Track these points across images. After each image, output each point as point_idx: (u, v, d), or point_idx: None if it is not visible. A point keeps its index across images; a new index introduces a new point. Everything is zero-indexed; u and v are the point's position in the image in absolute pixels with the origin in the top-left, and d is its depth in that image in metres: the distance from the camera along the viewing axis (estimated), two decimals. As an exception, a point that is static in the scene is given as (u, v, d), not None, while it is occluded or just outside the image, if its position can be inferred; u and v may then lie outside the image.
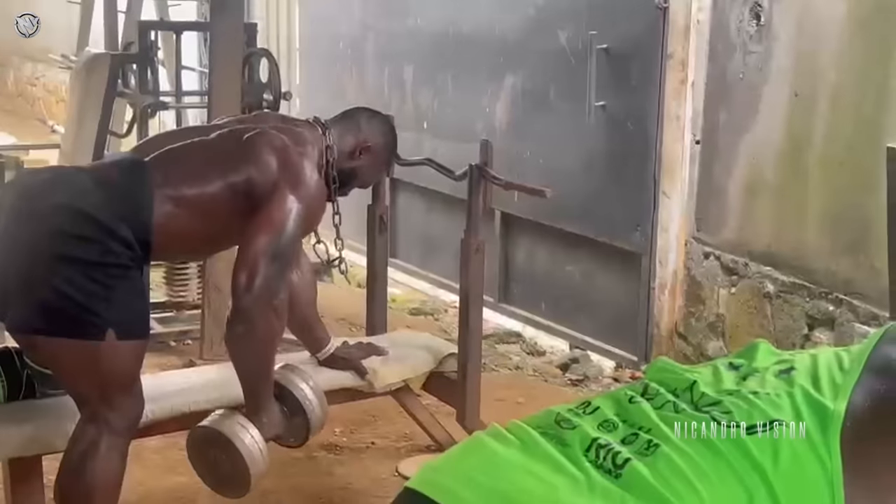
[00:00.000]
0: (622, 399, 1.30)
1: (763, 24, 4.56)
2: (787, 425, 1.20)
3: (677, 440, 1.21)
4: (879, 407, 1.22)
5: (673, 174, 4.47)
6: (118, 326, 2.67)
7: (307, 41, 7.31)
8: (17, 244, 2.75)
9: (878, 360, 1.26)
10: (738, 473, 1.18)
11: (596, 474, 1.19)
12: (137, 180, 2.81)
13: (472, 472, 1.24)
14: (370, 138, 3.19)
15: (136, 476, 3.42)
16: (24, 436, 2.89)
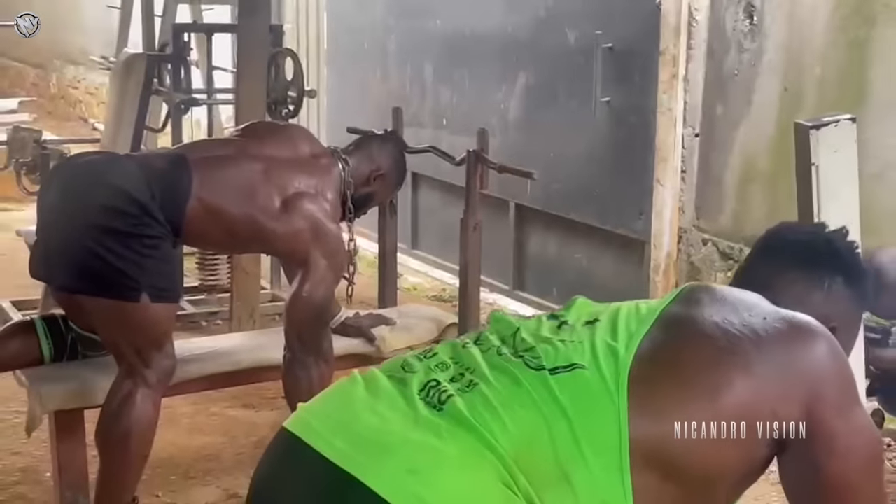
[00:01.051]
0: (458, 345, 1.62)
1: (756, 23, 4.84)
2: (585, 368, 1.50)
3: (493, 379, 1.51)
4: (659, 354, 1.53)
5: (666, 163, 4.76)
6: (151, 290, 3.01)
7: (334, 42, 7.63)
8: (65, 216, 3.10)
9: (666, 315, 1.58)
10: (540, 406, 1.46)
11: (424, 409, 1.49)
12: (179, 175, 3.15)
13: (329, 410, 1.57)
14: (382, 165, 3.55)
15: (168, 436, 3.75)
16: (68, 391, 3.23)
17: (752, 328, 1.56)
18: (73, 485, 3.32)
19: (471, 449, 1.43)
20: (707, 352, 1.54)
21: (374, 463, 1.43)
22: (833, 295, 1.75)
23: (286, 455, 1.54)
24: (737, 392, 1.51)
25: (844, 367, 1.60)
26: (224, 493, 3.59)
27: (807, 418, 1.53)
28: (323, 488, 1.45)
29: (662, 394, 1.49)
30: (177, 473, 3.70)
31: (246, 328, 4.65)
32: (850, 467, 1.55)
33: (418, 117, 6.44)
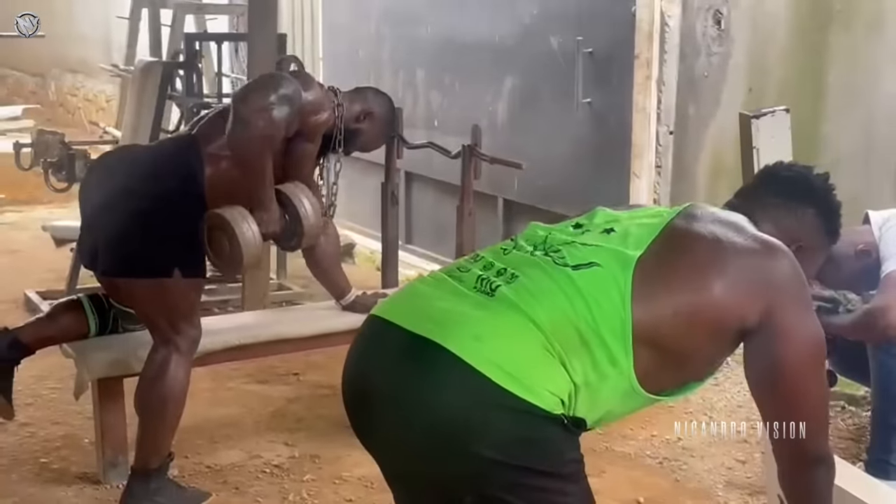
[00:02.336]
0: (499, 250, 2.09)
1: (723, 29, 5.27)
2: (601, 266, 1.98)
3: (529, 273, 1.98)
4: (657, 259, 2.00)
5: (641, 158, 5.19)
6: (182, 267, 3.41)
7: (329, 49, 8.04)
8: (102, 208, 3.50)
9: (669, 228, 2.06)
10: (566, 293, 1.94)
11: (479, 296, 1.97)
12: (189, 148, 3.51)
13: (405, 300, 2.05)
14: (374, 108, 3.85)
15: (191, 408, 4.09)
16: (110, 361, 3.63)
17: (732, 243, 2.02)
18: (114, 446, 3.73)
19: (518, 322, 1.89)
20: (694, 258, 2.00)
21: (446, 331, 1.88)
22: (803, 220, 2.20)
23: (375, 333, 2.00)
24: (714, 290, 1.97)
25: (801, 281, 2.05)
26: (246, 454, 3.98)
27: (767, 314, 1.98)
28: (408, 351, 1.90)
29: (657, 288, 1.95)
30: (202, 439, 4.10)
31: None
32: (798, 355, 2.00)
33: (412, 119, 6.81)
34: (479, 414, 1.84)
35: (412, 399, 1.88)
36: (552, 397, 1.87)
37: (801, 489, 2.13)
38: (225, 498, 3.64)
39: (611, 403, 1.98)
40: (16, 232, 7.36)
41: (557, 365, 1.89)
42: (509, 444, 1.85)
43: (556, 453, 1.90)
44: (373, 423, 1.98)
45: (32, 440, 4.10)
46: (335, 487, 3.73)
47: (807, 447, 2.06)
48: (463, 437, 1.85)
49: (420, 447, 1.90)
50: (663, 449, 4.04)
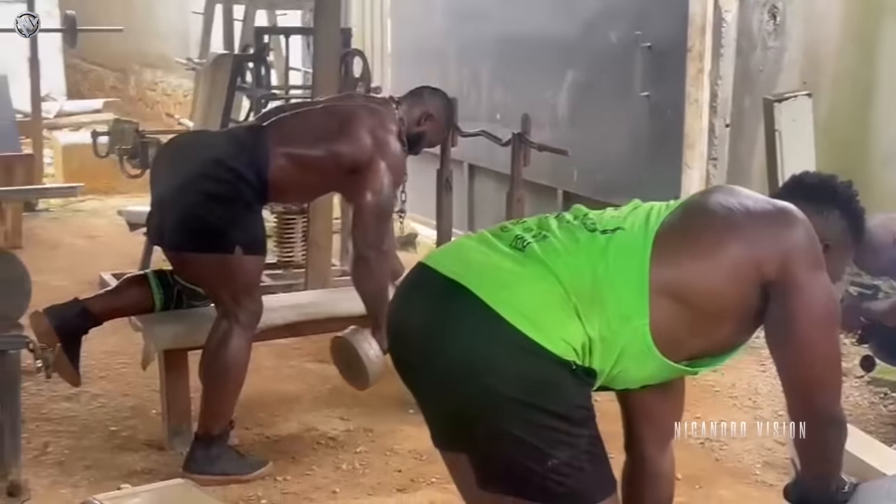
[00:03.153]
0: (541, 218, 2.27)
1: (779, 23, 5.37)
2: (625, 230, 2.16)
3: (559, 234, 2.17)
4: (677, 224, 2.18)
5: (693, 148, 5.30)
6: (243, 244, 3.61)
7: (397, 45, 8.23)
8: (172, 188, 3.72)
9: (687, 201, 2.25)
10: (589, 251, 2.12)
11: (511, 251, 2.16)
12: (258, 140, 3.74)
13: (448, 251, 2.28)
14: (432, 108, 4.06)
15: (254, 384, 4.32)
16: (175, 333, 3.85)
17: (747, 207, 2.19)
18: (178, 414, 3.94)
19: (540, 274, 2.09)
20: (711, 221, 2.17)
21: (475, 277, 2.10)
22: (829, 222, 2.31)
23: (417, 276, 2.22)
24: (730, 249, 2.13)
25: (815, 242, 2.18)
26: (304, 426, 4.18)
27: (783, 272, 2.12)
28: (441, 293, 2.12)
29: (676, 248, 2.13)
30: (263, 412, 4.30)
31: (319, 296, 5.23)
32: (811, 309, 2.13)
33: (475, 113, 6.99)
34: (495, 351, 2.04)
35: (439, 333, 2.10)
36: (564, 344, 2.04)
37: (811, 448, 2.24)
38: (282, 466, 3.83)
39: (626, 361, 2.13)
40: (94, 219, 7.68)
41: (573, 316, 2.06)
42: (521, 382, 2.04)
43: (565, 397, 2.07)
44: (407, 353, 2.20)
45: (103, 410, 4.33)
46: (386, 458, 3.90)
47: (818, 405, 2.18)
48: (479, 370, 2.04)
49: (443, 376, 2.10)
50: (706, 431, 4.14)
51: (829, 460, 2.26)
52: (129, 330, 4.41)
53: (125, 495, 3.12)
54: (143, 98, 13.25)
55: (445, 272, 2.15)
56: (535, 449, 2.06)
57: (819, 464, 2.27)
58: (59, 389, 4.40)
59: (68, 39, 8.52)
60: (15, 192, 6.38)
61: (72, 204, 7.92)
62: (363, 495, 3.67)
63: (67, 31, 8.36)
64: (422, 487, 3.69)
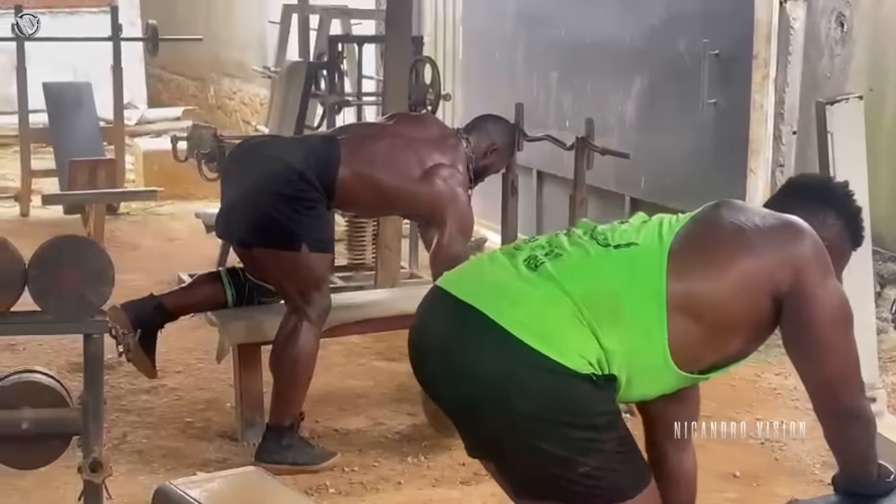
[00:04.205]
0: (552, 235, 2.33)
1: (846, 31, 5.39)
2: (638, 245, 2.21)
3: (572, 252, 2.23)
4: (689, 239, 2.22)
5: (758, 154, 5.35)
6: (309, 242, 3.77)
7: (468, 52, 8.34)
8: (242, 186, 3.89)
9: (696, 216, 2.29)
10: (603, 268, 2.19)
11: (525, 270, 2.22)
12: (330, 150, 3.92)
13: (462, 273, 2.36)
14: (496, 140, 4.23)
15: (324, 380, 4.49)
16: (248, 328, 4.02)
17: (755, 223, 2.25)
18: (251, 406, 4.10)
19: (553, 293, 2.15)
20: (722, 237, 2.23)
21: (488, 299, 2.17)
22: (826, 222, 2.37)
23: (433, 300, 2.31)
24: (742, 264, 2.20)
25: (822, 251, 2.25)
26: (371, 421, 4.31)
27: (795, 283, 2.19)
28: (457, 317, 2.20)
29: (690, 263, 2.18)
30: (332, 406, 4.44)
31: (389, 297, 5.36)
32: (825, 315, 2.21)
33: (544, 120, 7.07)
34: (514, 372, 2.11)
35: (458, 358, 2.18)
36: (580, 359, 2.11)
37: (842, 444, 2.31)
38: (349, 458, 3.97)
39: (644, 373, 2.19)
40: (173, 222, 7.92)
41: (587, 331, 2.13)
42: (543, 400, 2.11)
43: (588, 406, 2.14)
44: (429, 375, 2.29)
45: (179, 402, 4.51)
46: (450, 452, 4.01)
47: (842, 404, 2.25)
48: (500, 392, 2.12)
49: (466, 399, 2.19)
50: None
51: (862, 453, 2.32)
52: (204, 328, 4.60)
53: (200, 481, 3.25)
54: (222, 106, 13.51)
55: (459, 294, 2.22)
56: (566, 459, 2.14)
57: (853, 457, 2.33)
58: (138, 383, 4.59)
59: (150, 48, 8.79)
60: (98, 195, 6.61)
61: (151, 208, 8.18)
62: (427, 487, 3.79)
63: (149, 39, 8.62)
64: (484, 481, 3.78)
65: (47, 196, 7.02)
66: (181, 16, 12.88)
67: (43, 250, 2.76)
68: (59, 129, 8.15)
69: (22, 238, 3.20)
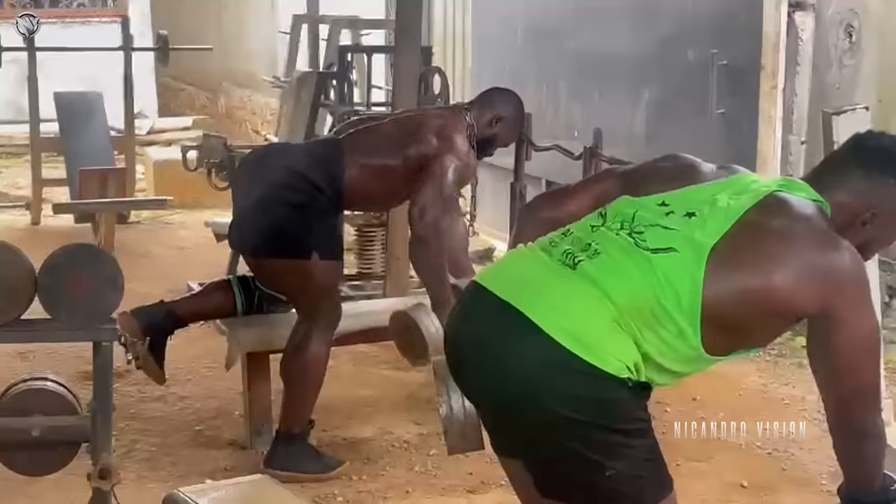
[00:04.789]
0: (587, 227, 2.28)
1: (854, 42, 5.40)
2: (678, 252, 2.17)
3: (612, 252, 2.19)
4: (729, 248, 2.17)
5: (766, 164, 5.35)
6: (319, 250, 3.78)
7: (478, 62, 8.37)
8: (251, 197, 3.90)
9: (744, 219, 2.20)
10: (644, 273, 2.15)
11: (563, 269, 2.20)
12: (333, 152, 3.92)
13: (501, 269, 2.35)
14: (502, 110, 4.12)
15: (333, 389, 4.47)
16: (258, 337, 4.03)
17: (799, 235, 2.18)
18: (260, 415, 4.11)
19: (593, 296, 2.13)
20: (763, 248, 2.18)
21: (528, 299, 2.15)
22: (880, 189, 2.26)
23: (472, 296, 2.30)
24: (776, 280, 2.15)
25: (861, 276, 2.19)
26: (380, 430, 4.32)
27: (826, 306, 2.15)
28: (493, 313, 2.19)
29: (726, 275, 2.15)
30: (341, 415, 4.45)
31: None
32: (852, 345, 2.17)
33: (553, 130, 7.09)
34: (549, 373, 2.11)
35: (493, 356, 2.17)
36: (618, 363, 2.11)
37: (850, 459, 2.30)
38: (357, 466, 3.98)
39: (680, 370, 2.22)
40: (183, 231, 7.95)
41: (626, 337, 2.12)
42: (577, 402, 2.11)
43: (621, 412, 2.14)
44: (466, 373, 2.28)
45: (189, 411, 4.53)
46: (458, 462, 4.00)
47: (856, 421, 2.23)
48: (536, 393, 2.12)
49: (501, 398, 2.19)
50: (774, 441, 4.21)
51: (870, 470, 2.31)
52: (214, 336, 4.61)
53: (208, 488, 3.26)
54: (232, 116, 13.56)
55: (500, 293, 2.20)
56: (594, 462, 2.14)
57: (860, 473, 2.32)
58: (147, 391, 4.61)
59: (161, 58, 8.83)
60: (108, 203, 6.64)
61: (162, 217, 8.21)
62: (435, 495, 3.80)
63: (160, 49, 8.66)
64: (491, 489, 3.80)
65: (58, 205, 7.06)
66: (192, 26, 12.93)
67: (53, 258, 2.78)
68: (70, 139, 8.19)
69: (33, 247, 3.22)
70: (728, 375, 4.71)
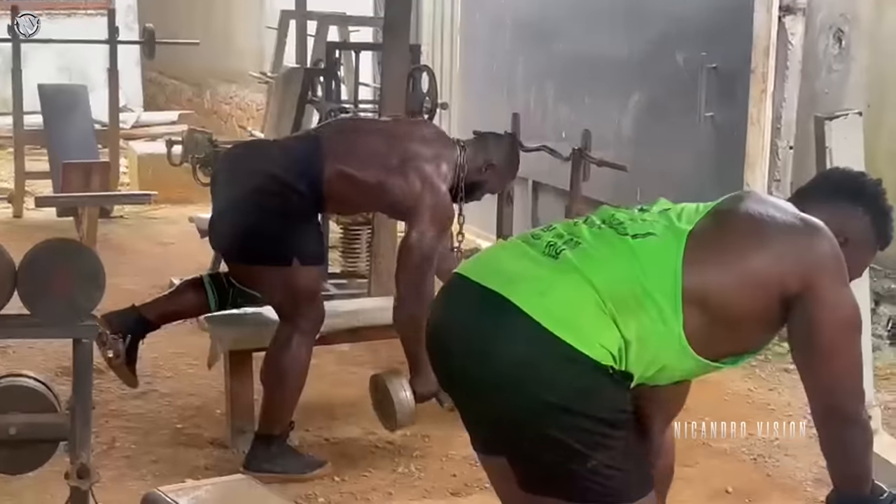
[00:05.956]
0: (570, 223, 2.32)
1: (844, 48, 5.38)
2: (657, 236, 2.21)
3: (592, 240, 2.22)
4: (707, 232, 2.21)
5: (754, 169, 5.34)
6: (299, 256, 3.71)
7: (466, 62, 8.34)
8: (229, 199, 3.84)
9: (717, 208, 2.29)
10: (623, 258, 2.18)
11: (546, 259, 2.21)
12: (314, 152, 3.81)
13: (483, 260, 2.34)
14: (495, 158, 4.05)
15: (317, 388, 4.43)
16: (240, 335, 4.00)
17: (775, 219, 2.23)
18: (242, 414, 4.07)
19: (575, 281, 2.15)
20: (740, 231, 2.23)
21: (512, 286, 2.15)
22: (852, 217, 2.35)
23: (455, 287, 2.29)
24: (757, 259, 2.19)
25: (838, 256, 2.23)
26: (363, 430, 4.28)
27: (806, 284, 2.18)
28: (479, 303, 2.18)
29: (706, 255, 2.18)
30: (324, 415, 4.41)
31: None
32: (834, 321, 2.20)
33: (540, 131, 7.04)
34: (535, 359, 2.11)
35: (479, 344, 2.16)
36: (602, 349, 2.11)
37: (836, 451, 2.29)
38: (340, 467, 3.94)
39: (664, 360, 2.20)
40: (166, 226, 7.90)
41: (609, 321, 2.13)
42: (562, 389, 2.11)
43: (605, 401, 2.14)
44: (448, 363, 2.26)
45: (170, 408, 4.49)
46: (441, 463, 3.99)
47: (840, 407, 2.24)
48: (521, 378, 2.11)
49: (485, 385, 2.17)
50: (759, 447, 4.19)
51: (856, 463, 2.31)
52: (196, 332, 4.58)
53: (189, 488, 3.23)
54: (218, 111, 13.49)
55: (482, 282, 2.20)
56: (577, 452, 2.13)
57: (847, 468, 2.31)
58: (127, 388, 4.54)
59: (147, 51, 8.77)
60: (91, 197, 6.57)
61: (145, 212, 8.16)
62: (418, 497, 3.77)
63: (146, 43, 8.60)
64: (475, 492, 3.77)
65: (40, 198, 6.96)
66: (179, 20, 12.86)
67: (33, 253, 2.72)
68: (54, 132, 8.13)
69: (14, 240, 3.18)
70: (713, 380, 4.65)
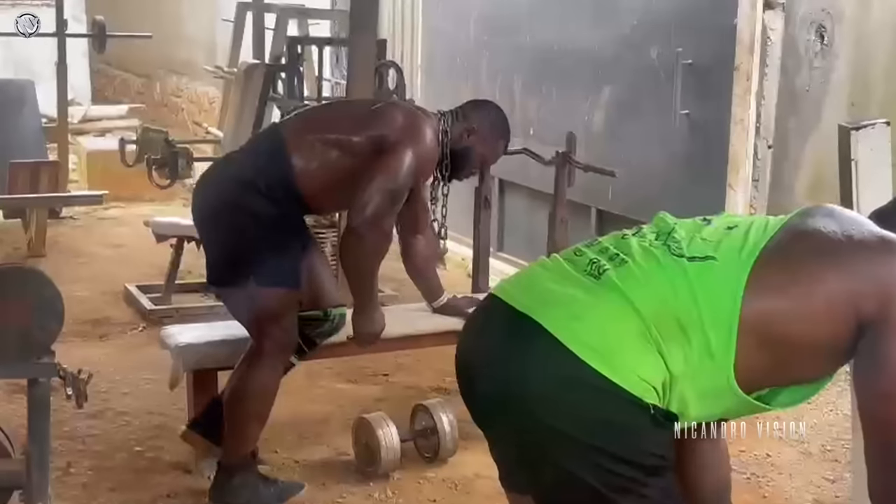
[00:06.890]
0: (619, 236, 2.11)
1: (826, 44, 5.21)
2: (716, 260, 1.98)
3: (640, 259, 2.00)
4: (774, 256, 1.99)
5: (738, 169, 5.15)
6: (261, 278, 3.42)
7: (428, 56, 8.10)
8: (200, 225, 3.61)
9: (787, 227, 2.05)
10: (673, 282, 1.95)
11: (586, 279, 2.01)
12: (277, 151, 3.48)
13: (519, 281, 2.14)
14: (476, 123, 3.73)
15: (284, 404, 4.18)
16: (203, 354, 3.73)
17: (850, 237, 2.00)
18: (206, 436, 3.80)
19: (617, 305, 1.95)
20: (811, 252, 1.99)
21: (546, 310, 1.97)
22: None
23: (487, 309, 2.12)
24: (829, 284, 1.95)
25: None
26: (334, 451, 4.04)
27: (881, 311, 1.94)
28: (511, 328, 2.00)
29: (772, 281, 1.95)
30: (293, 434, 4.16)
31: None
32: None
33: (508, 127, 6.85)
34: (563, 388, 1.92)
35: (508, 372, 1.97)
36: (642, 383, 1.90)
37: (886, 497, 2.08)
38: (311, 493, 3.70)
39: (707, 398, 1.98)
40: (119, 227, 7.56)
41: (654, 352, 1.91)
42: (591, 424, 1.91)
43: (640, 442, 1.93)
44: (475, 390, 2.08)
45: (128, 428, 4.21)
46: (419, 487, 3.77)
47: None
48: (549, 411, 1.92)
49: (511, 416, 1.98)
50: (753, 465, 4.01)
51: None
52: (155, 345, 4.30)
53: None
54: (168, 104, 13.18)
55: (516, 305, 2.02)
56: (602, 496, 1.94)
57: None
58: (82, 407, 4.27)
59: (96, 45, 8.44)
60: (40, 199, 6.28)
61: (96, 211, 7.82)
62: (396, 525, 3.54)
63: (97, 36, 8.27)
64: (455, 518, 3.56)
65: (-14, 199, 6.66)
66: (128, 10, 12.49)
67: (-19, 281, 2.46)
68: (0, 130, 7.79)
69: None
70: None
